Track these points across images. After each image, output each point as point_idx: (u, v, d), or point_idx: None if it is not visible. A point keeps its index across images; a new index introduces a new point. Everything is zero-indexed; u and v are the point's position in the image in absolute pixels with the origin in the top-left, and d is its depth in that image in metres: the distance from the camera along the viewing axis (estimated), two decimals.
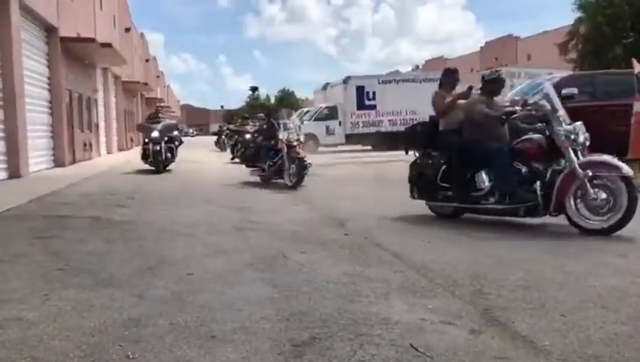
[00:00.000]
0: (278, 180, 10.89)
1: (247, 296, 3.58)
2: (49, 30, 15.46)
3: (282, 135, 10.77)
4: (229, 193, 10.05)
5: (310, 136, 24.49)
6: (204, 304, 3.42)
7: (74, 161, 17.00)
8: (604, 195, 5.38)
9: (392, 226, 6.26)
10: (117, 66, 25.23)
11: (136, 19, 38.31)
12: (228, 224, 6.41)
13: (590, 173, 5.38)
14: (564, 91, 11.30)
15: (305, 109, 29.77)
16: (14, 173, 11.98)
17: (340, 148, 25.35)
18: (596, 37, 23.43)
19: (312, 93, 36.55)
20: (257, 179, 11.55)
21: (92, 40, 17.73)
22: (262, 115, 16.87)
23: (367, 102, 25.56)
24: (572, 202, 5.51)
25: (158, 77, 55.77)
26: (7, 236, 5.80)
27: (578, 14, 24.93)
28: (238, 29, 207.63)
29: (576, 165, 5.46)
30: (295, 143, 10.65)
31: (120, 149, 26.80)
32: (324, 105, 26.35)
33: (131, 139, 31.17)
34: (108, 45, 18.81)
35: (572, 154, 5.53)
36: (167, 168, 14.49)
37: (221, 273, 4.17)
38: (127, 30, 31.75)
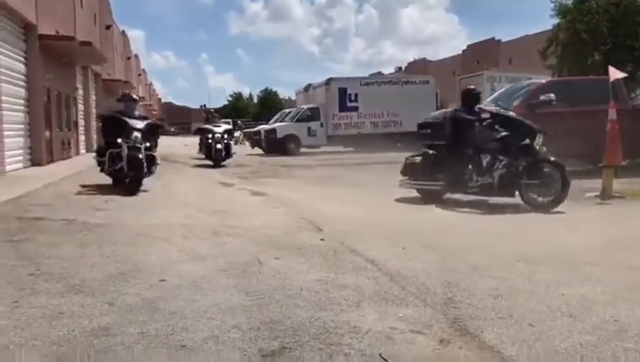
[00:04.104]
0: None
1: (219, 303, 3.57)
2: (27, 27, 15.22)
3: None
4: None
5: (292, 137, 24.61)
6: (175, 311, 3.40)
7: (52, 160, 16.76)
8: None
9: (369, 231, 6.27)
10: (97, 64, 24.95)
11: (118, 16, 37.91)
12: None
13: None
14: (542, 97, 11.49)
15: (287, 110, 29.80)
16: None
17: (322, 149, 25.40)
18: (575, 43, 23.76)
19: (295, 93, 36.58)
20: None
21: (71, 38, 17.51)
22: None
23: (349, 104, 25.67)
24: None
25: (139, 75, 55.24)
26: None
27: (557, 20, 25.25)
28: (220, 26, 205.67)
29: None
30: None
31: None
32: (306, 107, 26.39)
33: None
34: (87, 43, 18.59)
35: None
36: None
37: (195, 279, 4.15)
38: (108, 27, 31.39)
